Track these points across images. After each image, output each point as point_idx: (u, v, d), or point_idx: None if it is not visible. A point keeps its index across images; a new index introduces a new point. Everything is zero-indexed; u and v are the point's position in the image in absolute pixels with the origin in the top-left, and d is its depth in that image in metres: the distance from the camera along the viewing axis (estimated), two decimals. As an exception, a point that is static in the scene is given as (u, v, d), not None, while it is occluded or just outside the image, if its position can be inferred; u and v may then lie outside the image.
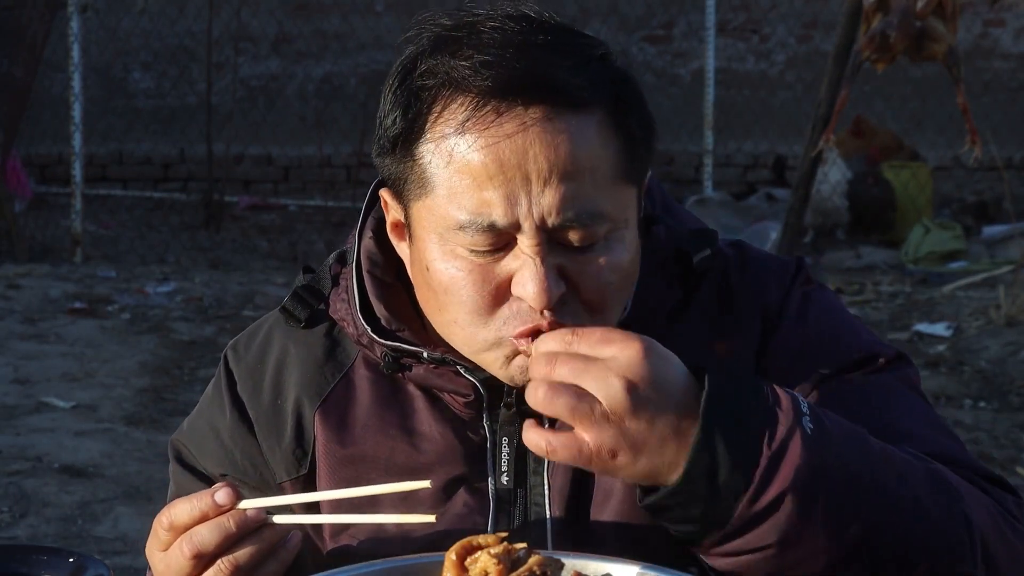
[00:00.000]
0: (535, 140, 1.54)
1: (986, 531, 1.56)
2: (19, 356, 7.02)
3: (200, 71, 11.35)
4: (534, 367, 1.45)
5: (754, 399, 1.46)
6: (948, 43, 6.04)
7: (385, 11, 11.98)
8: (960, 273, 8.58)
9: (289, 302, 1.79)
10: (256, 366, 1.79)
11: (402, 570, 1.50)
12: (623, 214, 1.61)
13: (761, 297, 1.75)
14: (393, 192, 1.67)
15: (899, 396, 1.72)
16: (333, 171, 11.99)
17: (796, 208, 8.21)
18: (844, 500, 1.47)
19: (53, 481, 5.39)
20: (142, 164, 12.25)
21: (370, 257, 1.74)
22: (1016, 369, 6.73)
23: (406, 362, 1.71)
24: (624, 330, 1.46)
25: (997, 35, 11.99)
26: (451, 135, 1.56)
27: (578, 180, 1.56)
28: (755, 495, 1.43)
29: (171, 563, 1.53)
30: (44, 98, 11.27)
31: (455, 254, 1.59)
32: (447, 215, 1.58)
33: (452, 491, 1.70)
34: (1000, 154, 9.71)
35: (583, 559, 1.49)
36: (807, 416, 1.47)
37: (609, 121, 1.59)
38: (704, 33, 10.38)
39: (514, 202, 1.55)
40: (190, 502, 1.52)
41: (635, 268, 1.66)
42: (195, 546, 1.51)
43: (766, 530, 1.44)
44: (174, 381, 6.75)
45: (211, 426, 1.81)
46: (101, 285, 8.62)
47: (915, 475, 1.54)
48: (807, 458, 1.44)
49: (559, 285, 1.57)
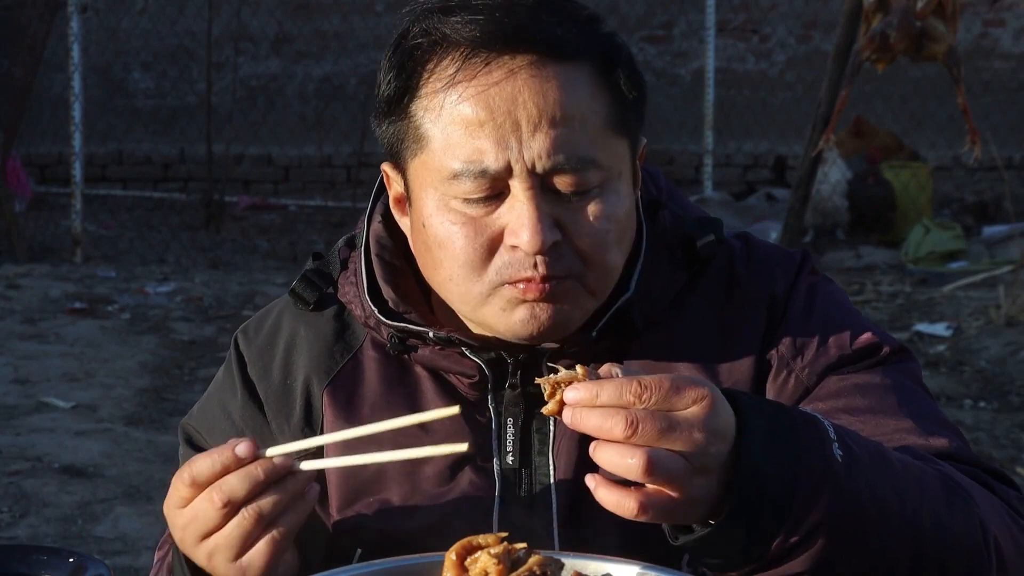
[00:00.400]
0: (523, 87, 1.58)
1: (999, 532, 1.57)
2: (19, 356, 7.02)
3: (200, 71, 11.35)
4: (605, 423, 1.38)
5: (789, 433, 1.44)
6: (948, 43, 6.04)
7: (385, 11, 11.99)
8: (960, 273, 8.58)
9: (298, 284, 1.81)
10: (266, 348, 1.81)
11: (402, 570, 1.49)
12: (616, 165, 1.64)
13: (767, 287, 1.76)
14: (392, 161, 1.70)
15: (903, 391, 1.72)
16: (333, 171, 12.00)
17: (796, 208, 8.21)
18: (872, 523, 1.47)
19: (53, 481, 5.39)
20: (142, 164, 12.25)
21: (379, 241, 1.77)
22: (1016, 369, 6.73)
23: (412, 343, 1.73)
24: (686, 378, 1.41)
25: (997, 35, 11.99)
26: (442, 89, 1.60)
27: (568, 126, 1.59)
28: (791, 531, 1.43)
29: (198, 514, 1.52)
30: (44, 98, 11.28)
31: (449, 207, 1.62)
32: (441, 166, 1.61)
33: (458, 470, 1.71)
34: (1000, 154, 9.71)
35: (583, 559, 1.49)
36: (836, 443, 1.46)
37: (598, 75, 1.62)
38: (704, 33, 10.39)
39: (504, 146, 1.58)
40: (211, 457, 1.52)
41: (630, 222, 1.68)
42: (225, 495, 1.50)
43: (801, 561, 1.45)
44: (174, 381, 6.75)
45: (222, 408, 1.82)
46: (101, 285, 8.63)
47: (931, 487, 1.54)
48: (840, 488, 1.44)
49: (553, 232, 1.59)
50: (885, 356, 1.74)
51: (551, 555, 1.45)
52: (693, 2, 11.44)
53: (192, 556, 1.57)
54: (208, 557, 1.54)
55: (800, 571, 1.45)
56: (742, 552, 1.43)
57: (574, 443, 1.69)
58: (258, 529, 1.51)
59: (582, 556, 1.50)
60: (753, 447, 1.41)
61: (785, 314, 1.75)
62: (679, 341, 1.72)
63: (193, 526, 1.53)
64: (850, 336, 1.74)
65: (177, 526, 1.56)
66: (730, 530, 1.42)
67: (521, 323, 1.63)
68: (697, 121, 10.42)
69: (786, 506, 1.41)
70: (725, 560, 1.45)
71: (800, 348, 1.73)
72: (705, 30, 10.34)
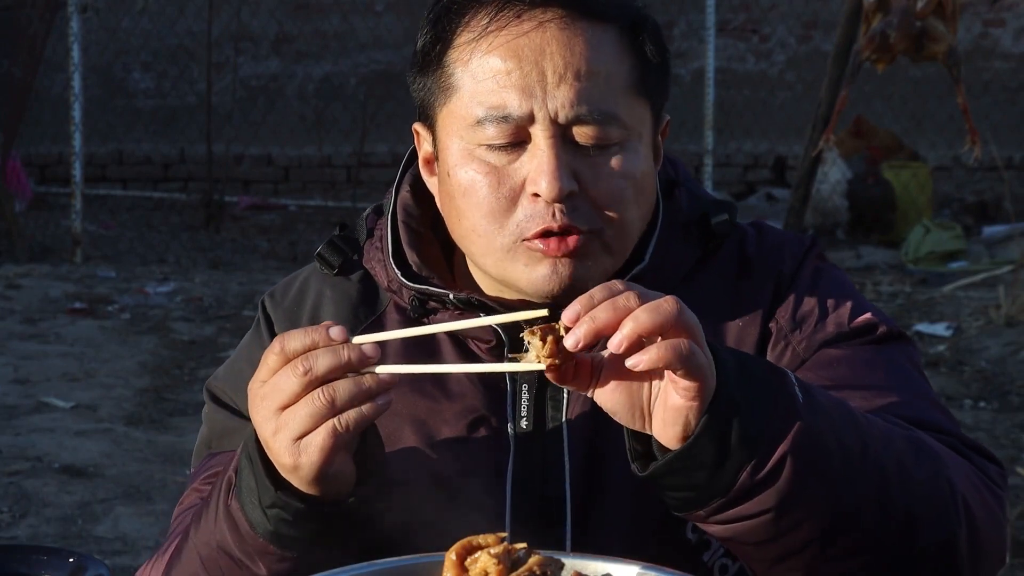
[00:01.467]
0: (552, 39, 1.64)
1: (968, 493, 1.60)
2: (19, 356, 7.02)
3: (200, 71, 11.36)
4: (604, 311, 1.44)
5: (755, 371, 1.50)
6: (948, 43, 6.04)
7: (385, 11, 11.99)
8: (960, 273, 8.58)
9: (324, 249, 1.86)
10: (293, 308, 1.86)
11: (402, 570, 1.50)
12: (638, 126, 1.70)
13: (775, 265, 1.81)
14: (422, 118, 1.76)
15: (893, 366, 1.76)
16: (333, 171, 12.00)
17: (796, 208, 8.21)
18: (836, 464, 1.50)
19: (53, 481, 5.39)
20: (142, 164, 12.26)
21: (406, 208, 1.81)
22: (1016, 369, 6.74)
23: (432, 307, 1.77)
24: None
25: (997, 35, 12.00)
26: (474, 39, 1.67)
27: (592, 81, 1.65)
28: (760, 462, 1.46)
29: (279, 383, 1.52)
30: (44, 98, 11.28)
31: (474, 156, 1.68)
32: (468, 113, 1.67)
33: (474, 429, 1.74)
34: (1000, 154, 9.72)
35: (583, 559, 1.49)
36: (797, 386, 1.51)
37: (625, 37, 1.69)
38: (704, 33, 10.38)
39: (529, 94, 1.64)
40: (304, 332, 1.53)
41: (649, 185, 1.73)
42: (308, 365, 1.51)
43: (766, 497, 1.47)
44: (174, 381, 6.76)
45: (251, 365, 1.80)
46: (101, 285, 8.63)
47: (898, 442, 1.58)
48: (804, 425, 1.48)
49: (571, 182, 1.65)
50: (882, 336, 1.78)
51: (551, 555, 1.46)
52: (693, 2, 11.43)
53: (262, 431, 1.55)
54: (274, 432, 1.53)
55: (765, 509, 1.48)
56: (708, 481, 1.46)
57: (587, 411, 1.72)
58: (325, 412, 1.51)
59: (582, 556, 1.50)
60: (727, 379, 1.46)
61: (789, 289, 1.79)
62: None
63: (272, 396, 1.53)
64: (849, 314, 1.78)
65: (258, 396, 1.55)
66: (700, 452, 1.45)
67: (543, 279, 1.68)
68: (697, 121, 10.41)
69: (757, 435, 1.46)
70: (691, 492, 1.48)
71: (799, 322, 1.77)
72: (705, 30, 10.34)
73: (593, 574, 1.47)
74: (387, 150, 11.67)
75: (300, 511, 1.56)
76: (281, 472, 1.56)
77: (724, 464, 1.46)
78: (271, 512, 1.58)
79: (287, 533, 1.58)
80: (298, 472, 1.54)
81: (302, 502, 1.56)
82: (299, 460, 1.53)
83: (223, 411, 1.85)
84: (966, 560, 1.59)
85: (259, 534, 1.59)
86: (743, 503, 1.48)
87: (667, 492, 1.51)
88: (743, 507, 1.48)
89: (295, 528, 1.58)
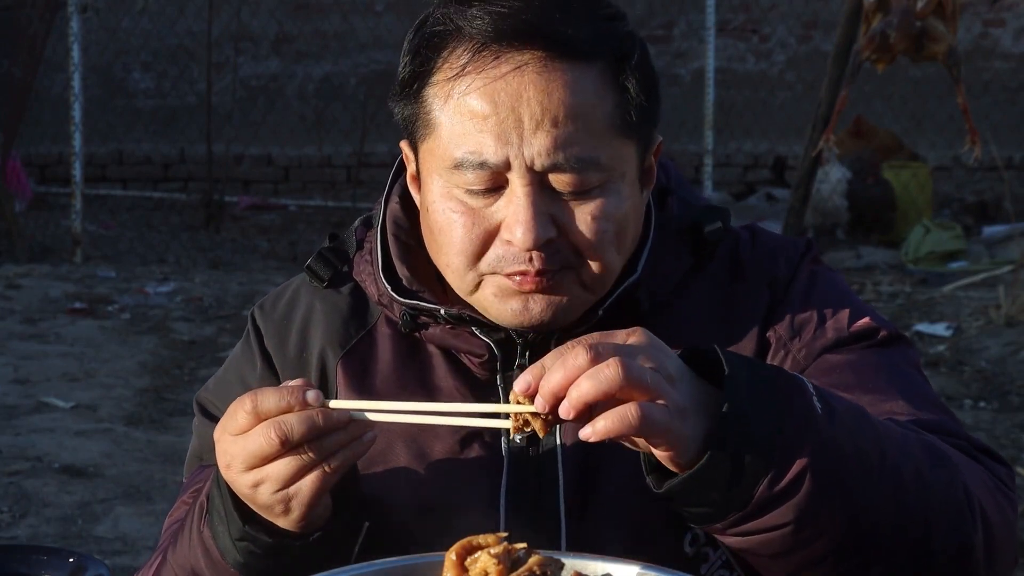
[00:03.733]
0: (529, 84, 1.60)
1: (983, 497, 1.59)
2: (19, 356, 7.02)
3: (200, 71, 11.35)
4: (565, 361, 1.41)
5: (769, 382, 1.47)
6: (948, 43, 6.04)
7: (385, 11, 11.98)
8: (960, 273, 8.58)
9: (313, 262, 1.84)
10: (283, 322, 1.84)
11: (402, 570, 1.49)
12: (619, 167, 1.65)
13: (771, 270, 1.79)
14: (408, 139, 1.73)
15: (896, 370, 1.74)
16: (333, 171, 12.00)
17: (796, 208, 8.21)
18: (855, 474, 1.48)
19: (53, 481, 5.39)
20: (142, 164, 12.25)
21: (396, 221, 1.79)
22: (1016, 369, 6.73)
23: (424, 321, 1.75)
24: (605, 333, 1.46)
25: (997, 35, 11.99)
26: (452, 78, 1.63)
27: (571, 126, 1.60)
28: (777, 475, 1.44)
29: (248, 445, 1.52)
30: (44, 98, 11.28)
31: (451, 195, 1.65)
32: (446, 155, 1.64)
33: (467, 445, 1.73)
34: (1000, 154, 9.71)
35: (583, 559, 1.49)
36: (815, 396, 1.48)
37: (608, 75, 1.63)
38: (704, 33, 10.38)
39: (505, 141, 1.60)
40: (279, 393, 1.53)
41: (632, 222, 1.69)
42: (283, 433, 1.50)
43: (785, 509, 1.45)
44: (174, 381, 6.75)
45: (240, 379, 1.84)
46: (101, 285, 8.62)
47: (914, 448, 1.56)
48: (822, 436, 1.46)
49: (548, 230, 1.62)
50: (882, 339, 1.76)
51: (551, 555, 1.45)
52: (693, 2, 11.43)
53: (235, 483, 1.56)
54: (253, 485, 1.54)
55: (784, 522, 1.46)
56: (725, 497, 1.44)
57: None
58: (312, 464, 1.52)
59: (582, 556, 1.50)
60: (739, 391, 1.44)
61: (786, 296, 1.77)
62: (684, 323, 1.74)
63: (244, 455, 1.53)
64: (848, 319, 1.76)
65: (227, 452, 1.55)
66: (714, 470, 1.43)
67: (513, 313, 1.66)
68: (697, 121, 10.41)
69: (771, 448, 1.43)
70: (708, 508, 1.46)
71: (798, 329, 1.75)
72: (705, 30, 10.34)
73: (593, 574, 1.47)
74: (387, 150, 11.67)
75: (269, 545, 1.58)
76: (266, 517, 1.57)
77: (740, 481, 1.44)
78: (240, 544, 1.59)
79: (257, 565, 1.59)
80: (287, 517, 1.55)
81: (270, 536, 1.57)
82: (289, 506, 1.54)
83: (213, 425, 1.81)
84: (982, 564, 1.57)
85: (229, 563, 1.61)
86: (761, 516, 1.46)
87: (683, 508, 1.49)
88: (761, 520, 1.46)
89: (265, 560, 1.59)
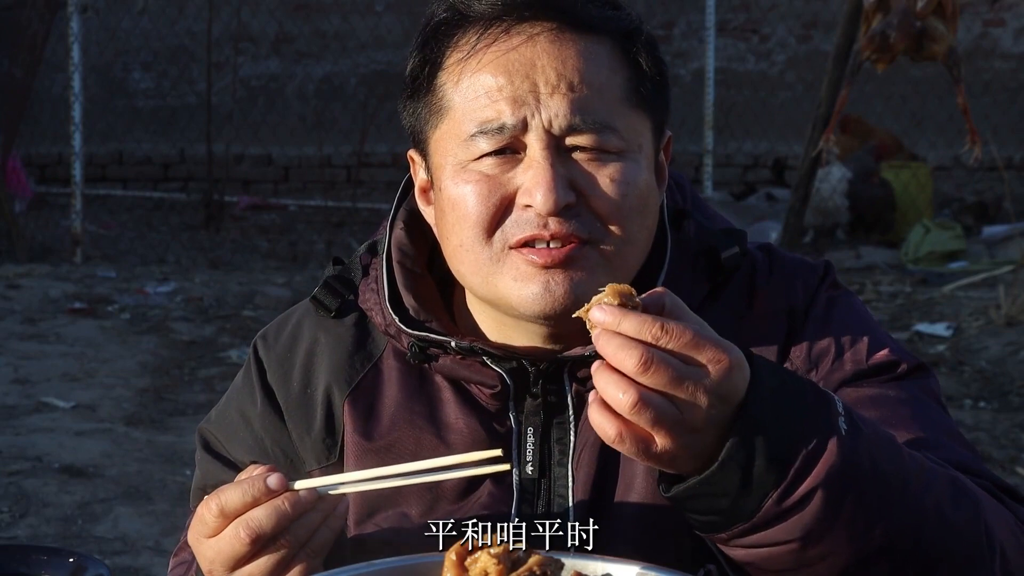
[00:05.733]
0: (543, 52, 1.60)
1: (1005, 542, 1.56)
2: (19, 356, 7.02)
3: (200, 71, 11.35)
4: (618, 352, 1.37)
5: (796, 396, 1.44)
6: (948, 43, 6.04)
7: (385, 11, 11.98)
8: (960, 273, 8.58)
9: (320, 292, 1.80)
10: (286, 355, 1.80)
11: (402, 570, 1.49)
12: (635, 139, 1.64)
13: (788, 298, 1.75)
14: (415, 145, 1.72)
15: (918, 404, 1.71)
16: (333, 171, 12.00)
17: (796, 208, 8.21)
18: (871, 500, 1.46)
19: (53, 481, 5.39)
20: (142, 164, 12.25)
21: (401, 248, 1.76)
22: (1016, 369, 6.73)
23: (433, 352, 1.72)
24: (711, 336, 1.41)
25: (997, 35, 11.99)
26: (464, 58, 1.63)
27: (586, 91, 1.60)
28: (786, 491, 1.41)
29: (223, 548, 1.52)
30: (44, 98, 11.28)
31: (466, 169, 1.63)
32: (461, 130, 1.63)
33: (478, 482, 1.69)
34: (1000, 154, 9.71)
35: (583, 559, 1.49)
36: (843, 416, 1.45)
37: (619, 50, 1.64)
38: (704, 33, 10.38)
39: (522, 104, 1.60)
40: (240, 488, 1.51)
41: (652, 200, 1.67)
42: (253, 530, 1.50)
43: (791, 525, 1.43)
44: (174, 381, 6.75)
45: (241, 414, 1.81)
46: (101, 285, 8.62)
47: (939, 481, 1.53)
48: (841, 457, 1.43)
49: (567, 193, 1.59)
50: (902, 373, 1.73)
51: (551, 555, 1.45)
52: (693, 2, 11.43)
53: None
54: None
55: (790, 539, 1.44)
56: (732, 506, 1.42)
57: (594, 454, 1.68)
58: (292, 555, 1.52)
59: (582, 556, 1.50)
60: (761, 403, 1.40)
61: (804, 326, 1.73)
62: None
63: (221, 558, 1.53)
64: (867, 351, 1.72)
65: (206, 557, 1.55)
66: (722, 479, 1.40)
67: (534, 298, 1.62)
68: (697, 121, 10.41)
69: (783, 463, 1.41)
70: (715, 516, 1.44)
71: (815, 361, 1.72)
72: (705, 30, 10.34)
73: (593, 574, 1.47)
74: (387, 150, 11.67)
75: None
76: None
77: (749, 490, 1.41)
78: None
79: None
80: None
81: None
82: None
83: (215, 462, 1.82)
84: None
85: None
86: (766, 530, 1.44)
87: (690, 514, 1.47)
88: (766, 533, 1.44)
89: None
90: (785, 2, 11.89)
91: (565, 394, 1.69)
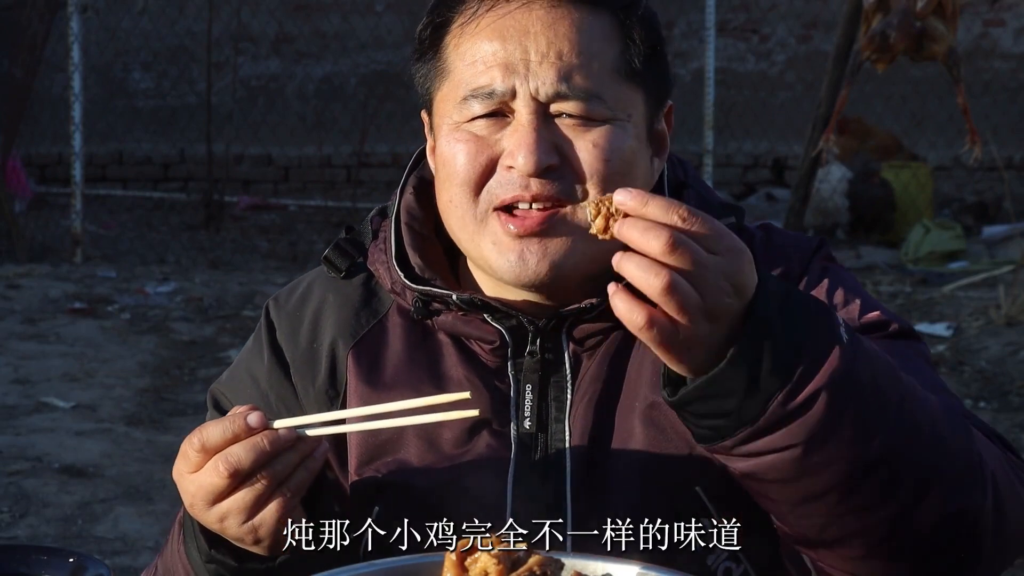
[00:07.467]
0: (537, 20, 1.68)
1: (997, 473, 1.58)
2: (19, 356, 7.02)
3: (200, 71, 11.35)
4: (645, 234, 1.40)
5: (800, 303, 1.48)
6: (948, 43, 6.04)
7: (385, 11, 11.98)
8: (960, 273, 8.58)
9: (331, 252, 1.87)
10: (295, 313, 1.86)
11: (402, 570, 1.50)
12: (625, 109, 1.70)
13: (783, 267, 1.80)
14: (424, 106, 1.80)
15: (910, 362, 1.72)
16: (333, 171, 12.00)
17: (796, 208, 8.22)
18: (871, 410, 1.48)
19: (53, 481, 5.39)
20: (142, 164, 12.25)
21: (409, 211, 1.82)
22: (1016, 369, 6.74)
23: (436, 308, 1.77)
24: (727, 228, 1.45)
25: (997, 35, 11.99)
26: (465, 23, 1.71)
27: (575, 60, 1.67)
28: (791, 392, 1.44)
29: (203, 482, 1.56)
30: (44, 98, 11.27)
31: (459, 128, 1.71)
32: (457, 93, 1.71)
33: (475, 433, 1.74)
34: (1000, 154, 9.71)
35: (583, 559, 1.49)
36: (843, 327, 1.49)
37: (615, 25, 1.70)
38: (704, 33, 10.38)
39: (511, 71, 1.67)
40: (222, 424, 1.55)
41: (638, 166, 1.71)
42: (231, 465, 1.53)
43: (795, 429, 1.45)
44: (174, 381, 6.75)
45: (249, 372, 1.88)
46: (101, 285, 8.62)
47: (933, 405, 1.56)
48: (843, 363, 1.46)
49: (549, 155, 1.66)
50: (893, 332, 1.77)
51: (551, 555, 1.46)
52: (693, 2, 11.43)
53: (203, 520, 1.60)
54: (219, 520, 1.57)
55: (793, 443, 1.46)
56: (738, 408, 1.44)
57: (590, 411, 1.73)
58: (269, 491, 1.55)
59: (582, 556, 1.50)
60: (767, 306, 1.44)
61: None
62: None
63: (202, 492, 1.57)
64: (859, 312, 1.77)
65: (187, 491, 1.59)
66: (730, 378, 1.43)
67: (510, 267, 1.68)
68: (697, 121, 10.41)
69: (789, 364, 1.43)
70: (720, 419, 1.46)
71: None
72: (705, 30, 10.33)
73: (593, 574, 1.47)
74: (387, 150, 11.67)
75: (235, 568, 1.62)
76: (241, 547, 1.60)
77: (756, 391, 1.44)
78: (209, 566, 1.64)
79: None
80: (259, 545, 1.58)
81: (236, 560, 1.62)
82: (259, 535, 1.57)
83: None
84: (990, 534, 1.57)
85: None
86: (770, 434, 1.46)
87: (695, 420, 1.49)
88: (770, 439, 1.46)
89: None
90: (785, 2, 11.89)
91: (562, 352, 1.74)
